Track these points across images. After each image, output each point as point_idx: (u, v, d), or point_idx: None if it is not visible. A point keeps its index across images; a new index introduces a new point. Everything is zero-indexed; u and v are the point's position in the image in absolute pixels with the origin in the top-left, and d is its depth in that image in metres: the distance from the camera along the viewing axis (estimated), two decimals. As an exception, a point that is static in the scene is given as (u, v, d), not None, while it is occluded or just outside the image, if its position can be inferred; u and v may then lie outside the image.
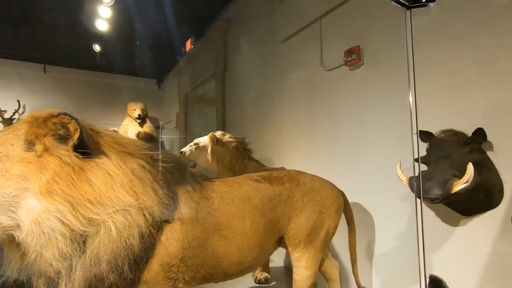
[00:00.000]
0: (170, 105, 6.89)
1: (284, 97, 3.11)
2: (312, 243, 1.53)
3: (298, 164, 2.79)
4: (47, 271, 0.92)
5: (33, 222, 0.87)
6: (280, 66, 3.17)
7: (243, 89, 3.98)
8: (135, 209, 1.00)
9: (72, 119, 0.94)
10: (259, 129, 3.53)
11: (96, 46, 4.76)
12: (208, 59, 4.83)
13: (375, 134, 2.11)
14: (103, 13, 3.52)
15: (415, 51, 1.45)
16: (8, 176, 0.86)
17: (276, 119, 3.23)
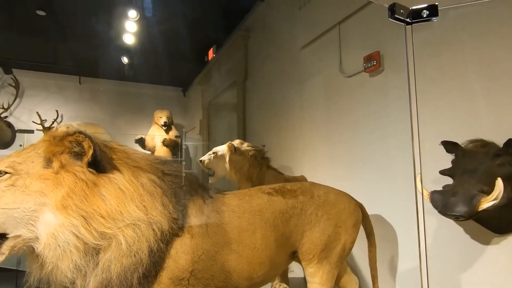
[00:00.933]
0: (194, 112, 7.08)
1: (303, 104, 3.07)
2: (327, 258, 1.48)
3: (318, 173, 2.73)
4: (63, 281, 0.97)
5: (50, 236, 0.92)
6: (299, 73, 3.13)
7: (263, 97, 3.99)
8: (144, 224, 1.03)
9: (86, 137, 1.00)
10: (279, 136, 3.51)
11: (124, 58, 5.02)
12: (229, 67, 4.91)
13: (397, 143, 2.01)
14: (130, 27, 3.71)
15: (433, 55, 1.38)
16: (28, 192, 0.92)
17: (296, 126, 3.19)
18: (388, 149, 2.07)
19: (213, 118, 5.96)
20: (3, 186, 0.91)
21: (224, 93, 5.26)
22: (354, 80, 2.39)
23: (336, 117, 2.57)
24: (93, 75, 6.64)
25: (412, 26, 1.27)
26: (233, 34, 4.59)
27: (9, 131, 6.01)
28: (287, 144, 3.34)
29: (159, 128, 6.28)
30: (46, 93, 6.46)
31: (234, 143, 2.64)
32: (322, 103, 2.77)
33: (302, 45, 3.04)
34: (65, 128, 3.25)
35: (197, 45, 5.41)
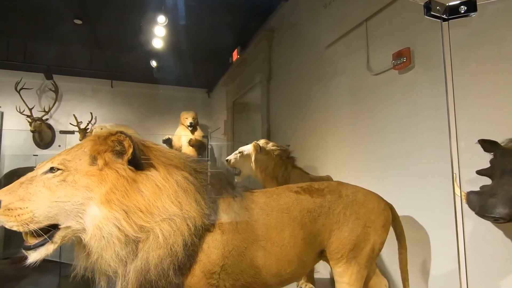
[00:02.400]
0: (219, 113, 7.22)
1: (328, 103, 3.04)
2: (355, 258, 1.46)
3: (343, 173, 2.69)
4: (107, 270, 1.05)
5: (95, 227, 1.00)
6: (325, 72, 3.10)
7: (287, 97, 3.99)
8: (179, 219, 1.08)
9: (126, 137, 1.07)
10: (304, 136, 3.49)
11: (153, 62, 5.23)
12: (253, 68, 4.96)
13: (428, 142, 1.94)
14: (159, 32, 3.87)
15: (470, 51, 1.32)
16: (77, 187, 1.01)
17: (321, 126, 3.17)
18: (418, 148, 2.01)
19: (237, 119, 6.04)
20: (56, 181, 1.00)
21: (248, 93, 5.32)
22: (381, 78, 2.33)
23: (362, 116, 2.52)
24: (124, 79, 6.99)
25: (448, 22, 1.22)
26: (258, 35, 4.63)
27: (50, 132, 6.48)
28: (312, 144, 3.32)
29: (185, 129, 6.47)
30: (82, 97, 6.89)
31: (260, 142, 2.67)
32: (348, 102, 2.73)
33: (327, 44, 3.01)
34: (103, 129, 3.47)
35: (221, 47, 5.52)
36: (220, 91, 7.03)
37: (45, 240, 0.99)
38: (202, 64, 6.06)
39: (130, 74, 6.73)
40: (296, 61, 3.71)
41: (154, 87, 7.18)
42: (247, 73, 5.24)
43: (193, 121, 6.32)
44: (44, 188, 0.98)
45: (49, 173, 1.02)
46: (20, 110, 5.95)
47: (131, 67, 6.46)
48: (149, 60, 5.68)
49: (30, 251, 0.99)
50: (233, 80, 5.98)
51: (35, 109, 6.14)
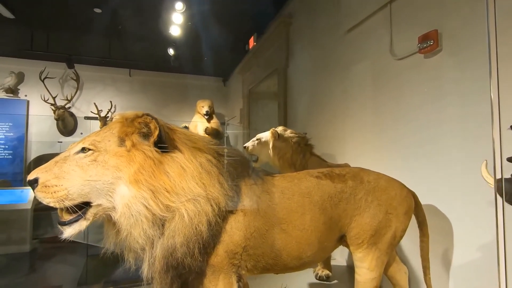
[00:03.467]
0: (234, 101, 7.22)
1: (348, 90, 2.97)
2: (376, 244, 1.45)
3: (362, 161, 2.65)
4: (135, 247, 1.10)
5: (124, 206, 1.04)
6: (344, 57, 3.02)
7: (305, 84, 3.93)
8: (203, 199, 1.11)
9: (152, 119, 1.10)
10: (321, 123, 3.45)
11: (170, 50, 5.26)
12: (270, 55, 4.90)
13: (453, 128, 1.87)
14: (176, 19, 3.86)
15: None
16: (107, 167, 1.05)
17: (340, 113, 3.11)
18: (443, 135, 1.94)
19: (253, 107, 6.02)
20: (88, 161, 1.05)
21: (264, 81, 5.27)
22: (405, 62, 2.25)
23: (384, 102, 2.45)
24: (142, 68, 7.09)
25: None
26: (275, 21, 4.54)
27: (72, 120, 6.72)
28: (329, 131, 3.28)
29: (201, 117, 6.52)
30: (101, 85, 7.06)
31: (278, 129, 2.66)
32: (370, 88, 2.66)
33: (348, 28, 2.91)
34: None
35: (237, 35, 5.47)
36: (236, 79, 7.01)
37: (79, 216, 1.04)
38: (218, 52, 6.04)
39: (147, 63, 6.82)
40: (315, 47, 3.63)
41: (170, 76, 7.26)
42: (263, 60, 5.18)
43: (209, 110, 6.37)
44: (77, 167, 1.03)
45: (81, 153, 1.06)
46: (44, 98, 6.18)
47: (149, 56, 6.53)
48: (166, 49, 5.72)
49: (65, 226, 1.04)
50: (249, 68, 5.94)
51: (58, 97, 6.37)
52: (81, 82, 6.67)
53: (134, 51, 6.36)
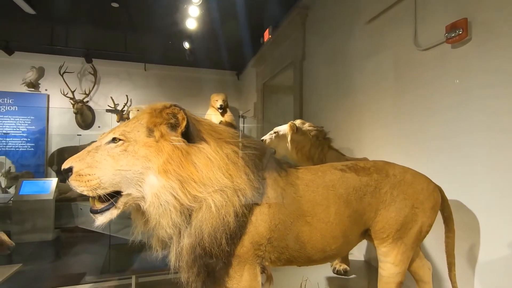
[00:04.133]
0: (248, 95, 7.21)
1: (367, 83, 2.91)
2: (402, 239, 1.42)
3: (382, 154, 2.60)
4: (163, 236, 1.12)
5: (154, 195, 1.06)
6: (364, 49, 2.95)
7: (321, 77, 3.87)
8: (230, 190, 1.11)
9: (180, 110, 1.10)
10: (338, 117, 3.40)
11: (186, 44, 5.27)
12: (285, 48, 4.84)
13: (481, 121, 1.80)
14: (193, 12, 3.86)
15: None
16: (137, 157, 1.06)
17: (357, 106, 3.05)
18: (470, 128, 1.87)
19: (268, 100, 5.99)
20: (119, 151, 1.06)
21: (279, 74, 5.22)
22: (431, 53, 2.17)
23: (407, 94, 2.38)
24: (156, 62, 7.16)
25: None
26: (290, 13, 4.47)
27: (90, 114, 6.88)
28: (347, 125, 3.22)
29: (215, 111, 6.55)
30: (117, 79, 7.19)
31: (296, 122, 2.63)
32: (391, 80, 2.59)
33: (369, 19, 2.83)
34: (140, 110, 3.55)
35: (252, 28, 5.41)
36: (250, 73, 6.98)
37: (110, 205, 1.07)
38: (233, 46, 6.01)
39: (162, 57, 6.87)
40: (332, 39, 3.55)
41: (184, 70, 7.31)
42: (279, 53, 5.12)
43: (223, 104, 6.39)
44: (108, 156, 1.05)
45: (112, 143, 1.08)
46: (64, 92, 6.35)
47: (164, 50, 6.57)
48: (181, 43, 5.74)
49: (97, 214, 1.07)
50: (264, 61, 5.89)
51: (76, 91, 6.52)
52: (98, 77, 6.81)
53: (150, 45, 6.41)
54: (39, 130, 6.44)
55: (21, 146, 6.36)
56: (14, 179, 5.28)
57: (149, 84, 7.24)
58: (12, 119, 6.30)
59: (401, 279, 1.47)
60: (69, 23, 5.44)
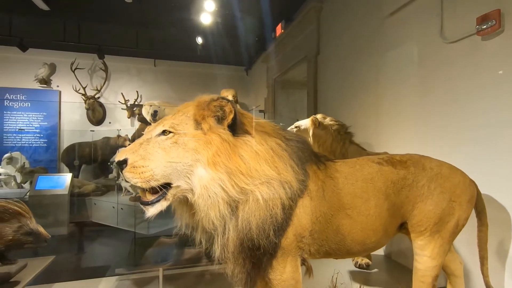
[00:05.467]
0: (258, 90, 7.18)
1: (387, 77, 2.88)
2: (439, 232, 1.42)
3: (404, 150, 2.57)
4: (209, 228, 1.13)
5: (203, 187, 1.07)
6: (384, 43, 2.92)
7: (337, 71, 3.84)
8: (277, 182, 1.12)
9: (228, 102, 1.10)
10: (355, 112, 3.38)
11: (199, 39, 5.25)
12: (299, 42, 4.80)
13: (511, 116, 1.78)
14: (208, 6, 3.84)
15: None
16: (187, 149, 1.07)
17: (376, 102, 3.03)
18: (501, 122, 1.85)
19: (279, 96, 5.97)
20: (169, 143, 1.07)
21: (292, 69, 5.19)
22: (458, 45, 2.14)
23: (431, 87, 2.36)
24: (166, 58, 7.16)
25: None
26: (304, 7, 4.43)
27: (101, 110, 6.93)
28: (364, 120, 3.20)
29: (225, 107, 6.52)
30: (127, 76, 7.21)
31: (317, 117, 2.62)
32: (414, 73, 2.56)
33: (390, 12, 2.80)
34: (152, 106, 3.59)
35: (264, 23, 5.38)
36: (259, 68, 6.95)
37: (161, 196, 1.08)
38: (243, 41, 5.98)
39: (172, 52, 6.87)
40: (349, 33, 3.52)
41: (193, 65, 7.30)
42: (291, 48, 5.09)
43: (233, 99, 6.38)
44: (160, 149, 1.06)
45: (162, 135, 1.09)
46: (75, 88, 6.38)
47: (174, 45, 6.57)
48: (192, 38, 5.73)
49: (148, 206, 1.08)
50: (275, 56, 5.85)
51: (87, 88, 6.56)
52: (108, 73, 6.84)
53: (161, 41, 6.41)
54: (52, 126, 6.50)
55: (34, 142, 6.43)
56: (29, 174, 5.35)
57: (158, 79, 7.25)
58: (26, 115, 6.36)
59: (437, 273, 1.47)
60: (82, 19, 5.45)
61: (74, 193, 4.82)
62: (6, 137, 6.22)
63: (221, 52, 6.42)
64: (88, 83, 6.69)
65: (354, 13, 3.42)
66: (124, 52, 6.74)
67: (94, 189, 5.30)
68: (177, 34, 5.85)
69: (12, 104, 6.31)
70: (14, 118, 6.29)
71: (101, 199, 5.15)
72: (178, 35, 5.85)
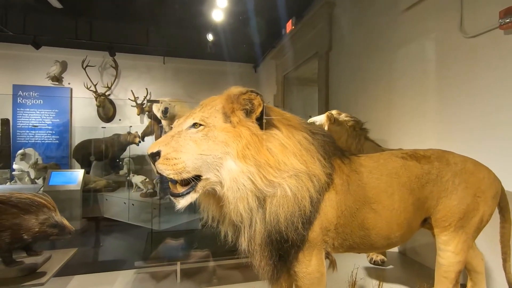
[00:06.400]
0: (266, 87, 7.17)
1: (400, 73, 2.85)
2: (463, 228, 1.41)
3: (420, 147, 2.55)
4: (236, 220, 1.14)
5: (232, 180, 1.07)
6: (399, 38, 2.89)
7: (349, 67, 3.81)
8: (305, 175, 1.12)
9: (257, 95, 1.11)
10: (367, 108, 3.35)
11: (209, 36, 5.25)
12: (310, 39, 4.77)
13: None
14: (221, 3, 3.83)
15: None
16: (217, 142, 1.08)
17: (388, 98, 3.01)
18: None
19: (288, 93, 5.95)
20: (200, 136, 1.08)
21: (302, 66, 5.17)
22: (479, 40, 2.10)
23: (450, 85, 2.33)
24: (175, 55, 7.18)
25: None
26: (316, 4, 4.40)
27: (111, 107, 7.00)
28: (376, 116, 3.18)
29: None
30: (137, 73, 7.25)
31: (333, 112, 2.61)
32: (432, 69, 2.53)
33: (407, 6, 2.76)
34: (162, 103, 3.61)
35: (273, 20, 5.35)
36: (268, 65, 6.93)
37: (191, 188, 1.09)
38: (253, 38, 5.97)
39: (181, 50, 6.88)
40: (363, 28, 3.49)
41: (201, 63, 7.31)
42: (302, 44, 5.06)
43: (242, 96, 6.37)
44: (191, 141, 1.07)
45: (193, 128, 1.10)
46: (87, 86, 6.46)
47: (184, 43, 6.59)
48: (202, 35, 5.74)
49: (178, 198, 1.09)
50: (285, 53, 5.83)
51: (98, 85, 6.63)
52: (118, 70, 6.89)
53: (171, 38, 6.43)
54: (63, 123, 6.59)
55: (46, 138, 6.53)
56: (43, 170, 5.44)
57: (167, 77, 7.29)
58: (38, 112, 6.46)
59: (461, 268, 1.46)
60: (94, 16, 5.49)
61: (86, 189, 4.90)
62: (19, 133, 6.33)
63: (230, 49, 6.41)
64: (99, 81, 6.75)
65: (368, 8, 3.39)
66: (134, 50, 6.78)
67: (106, 185, 5.37)
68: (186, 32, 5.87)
69: (25, 102, 6.41)
70: (27, 115, 6.39)
71: (112, 195, 5.23)
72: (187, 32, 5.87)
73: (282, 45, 5.75)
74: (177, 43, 6.65)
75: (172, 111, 4.79)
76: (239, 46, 6.23)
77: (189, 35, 6.09)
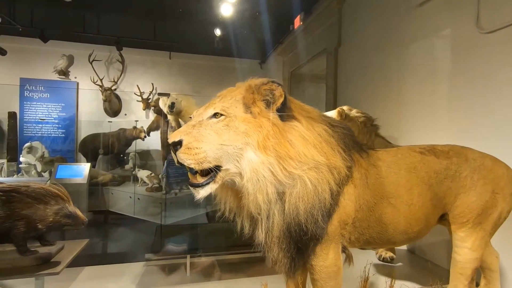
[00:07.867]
0: (273, 84, 7.13)
1: (411, 70, 2.82)
2: (481, 224, 1.39)
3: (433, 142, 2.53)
4: (255, 211, 1.13)
5: (252, 171, 1.06)
6: (412, 34, 2.85)
7: (359, 64, 3.78)
8: (325, 168, 1.11)
9: (279, 86, 1.09)
10: (375, 105, 3.33)
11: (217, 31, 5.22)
12: (319, 35, 4.74)
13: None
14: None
15: None
16: (238, 132, 1.07)
17: (398, 95, 2.98)
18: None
19: (295, 89, 5.92)
20: (221, 126, 1.07)
21: (310, 62, 5.13)
22: (496, 36, 2.07)
23: (465, 81, 2.30)
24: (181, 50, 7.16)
25: None
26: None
27: (117, 101, 7.01)
28: (386, 113, 3.15)
29: (240, 100, 6.50)
30: (143, 68, 7.25)
31: (344, 108, 2.59)
32: (444, 66, 2.50)
33: (420, 2, 2.72)
34: (169, 97, 3.60)
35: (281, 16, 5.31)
36: (275, 61, 6.89)
37: (211, 179, 1.08)
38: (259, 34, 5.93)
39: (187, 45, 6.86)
40: (374, 24, 3.45)
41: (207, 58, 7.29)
42: (310, 40, 5.02)
43: (247, 93, 6.35)
44: (212, 131, 1.06)
45: (214, 118, 1.09)
46: (93, 80, 6.46)
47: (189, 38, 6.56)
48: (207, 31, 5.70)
49: (198, 188, 1.08)
50: (292, 49, 5.79)
51: (104, 79, 6.63)
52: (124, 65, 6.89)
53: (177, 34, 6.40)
54: (70, 117, 6.61)
55: (53, 132, 6.56)
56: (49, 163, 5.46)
57: (173, 72, 7.27)
58: (44, 106, 6.48)
59: (477, 265, 1.45)
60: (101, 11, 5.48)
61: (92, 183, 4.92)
62: (26, 127, 6.36)
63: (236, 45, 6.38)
64: (105, 75, 6.76)
65: (379, 3, 3.35)
66: (140, 44, 6.77)
67: (111, 179, 5.39)
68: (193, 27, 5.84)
69: (32, 95, 6.43)
70: (34, 109, 6.42)
71: (118, 189, 5.25)
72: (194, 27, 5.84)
73: (290, 41, 5.71)
74: (184, 38, 6.63)
75: (179, 106, 4.79)
76: (246, 41, 6.20)
77: (195, 30, 6.06)
